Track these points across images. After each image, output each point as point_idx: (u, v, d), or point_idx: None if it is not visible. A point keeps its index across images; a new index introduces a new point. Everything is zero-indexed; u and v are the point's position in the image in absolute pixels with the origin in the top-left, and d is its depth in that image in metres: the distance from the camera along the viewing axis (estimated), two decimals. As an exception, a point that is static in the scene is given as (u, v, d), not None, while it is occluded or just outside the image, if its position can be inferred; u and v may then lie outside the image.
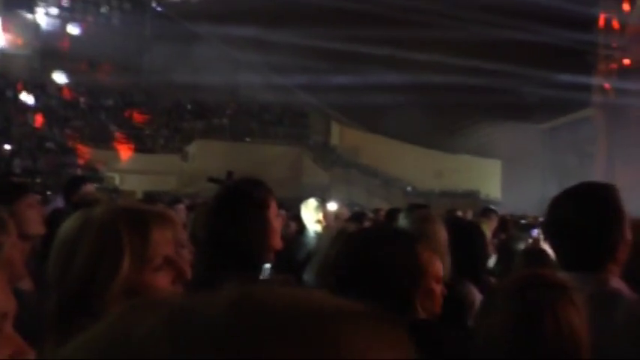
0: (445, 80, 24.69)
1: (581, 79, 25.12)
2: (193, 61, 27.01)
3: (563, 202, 1.82)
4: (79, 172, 20.28)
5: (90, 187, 5.21)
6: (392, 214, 5.97)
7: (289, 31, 24.91)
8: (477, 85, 24.54)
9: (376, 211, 9.32)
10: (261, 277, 2.67)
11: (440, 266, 2.03)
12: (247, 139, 27.96)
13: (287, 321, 0.39)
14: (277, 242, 2.04)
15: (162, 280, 1.23)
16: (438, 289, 1.97)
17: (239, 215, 1.96)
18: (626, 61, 24.17)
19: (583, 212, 1.74)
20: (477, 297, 2.68)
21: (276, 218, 2.05)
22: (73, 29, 29.62)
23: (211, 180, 5.95)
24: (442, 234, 2.78)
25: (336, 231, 3.33)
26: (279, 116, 29.91)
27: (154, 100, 28.91)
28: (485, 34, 24.33)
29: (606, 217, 1.73)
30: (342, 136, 31.11)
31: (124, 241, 1.20)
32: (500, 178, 30.16)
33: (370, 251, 1.68)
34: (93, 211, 1.27)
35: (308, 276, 3.19)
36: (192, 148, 26.43)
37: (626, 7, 22.46)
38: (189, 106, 29.55)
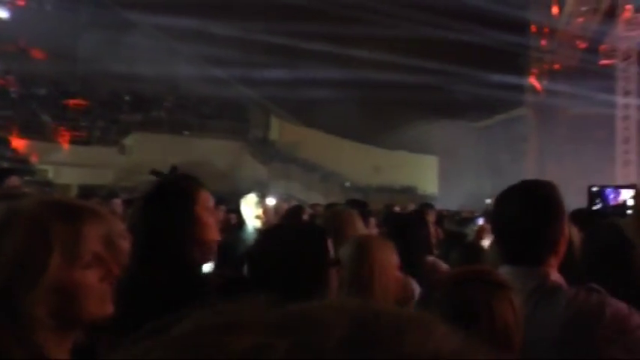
0: (383, 77, 25.00)
1: (514, 79, 25.90)
2: (131, 50, 26.24)
3: (508, 198, 1.86)
4: (6, 164, 19.41)
5: (15, 180, 4.77)
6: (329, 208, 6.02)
7: (230, 24, 24.63)
8: (415, 83, 24.96)
9: (314, 205, 9.34)
10: (204, 273, 2.64)
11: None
12: (186, 133, 27.47)
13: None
14: (210, 236, 1.98)
15: (91, 278, 1.18)
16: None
17: (165, 210, 1.92)
18: (556, 64, 25.06)
19: (526, 208, 1.79)
20: (416, 289, 2.72)
21: (207, 212, 1.99)
22: (1, 12, 28.15)
23: (154, 173, 5.78)
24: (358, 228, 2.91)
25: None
26: (219, 110, 29.53)
27: (90, 90, 27.94)
28: (423, 33, 24.74)
29: (548, 213, 1.80)
30: (281, 130, 31.06)
31: (54, 237, 1.13)
32: (437, 174, 30.86)
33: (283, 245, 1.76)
34: (19, 204, 1.19)
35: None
36: (129, 141, 25.73)
37: (555, 12, 23.31)
38: (126, 98, 28.73)
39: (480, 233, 5.38)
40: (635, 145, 19.79)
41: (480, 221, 6.30)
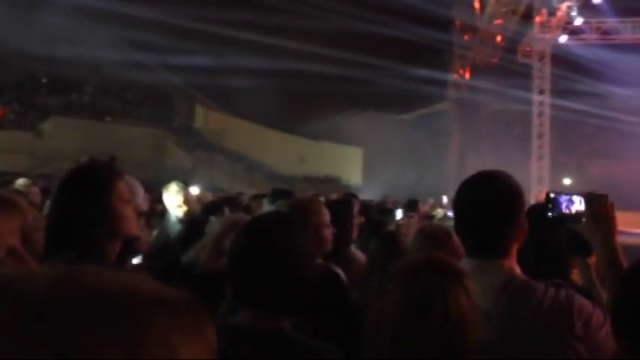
0: (309, 68, 25.02)
1: (438, 74, 26.50)
2: (50, 31, 25.03)
3: (476, 188, 1.82)
4: None
5: None
6: (257, 199, 6.04)
7: (155, 8, 23.96)
8: (341, 75, 25.16)
9: (239, 194, 9.32)
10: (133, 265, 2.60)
11: None
12: (108, 119, 26.51)
13: (99, 305, 0.40)
14: (126, 228, 1.89)
15: None
16: None
17: (78, 200, 1.83)
18: (478, 61, 25.86)
19: (497, 198, 1.77)
20: (341, 274, 2.77)
21: (124, 204, 1.89)
22: None
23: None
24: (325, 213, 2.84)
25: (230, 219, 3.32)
26: (143, 96, 28.66)
27: (4, 71, 26.53)
28: (350, 26, 24.96)
29: (517, 203, 1.79)
30: (206, 119, 30.59)
31: None
32: (361, 165, 31.28)
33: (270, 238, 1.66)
34: None
35: (187, 258, 3.16)
36: (47, 126, 24.57)
37: (477, 11, 24.06)
38: (44, 80, 27.43)
39: (401, 228, 5.53)
40: (549, 140, 20.75)
41: (399, 213, 6.41)
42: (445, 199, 11.65)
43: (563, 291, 1.74)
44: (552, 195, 1.98)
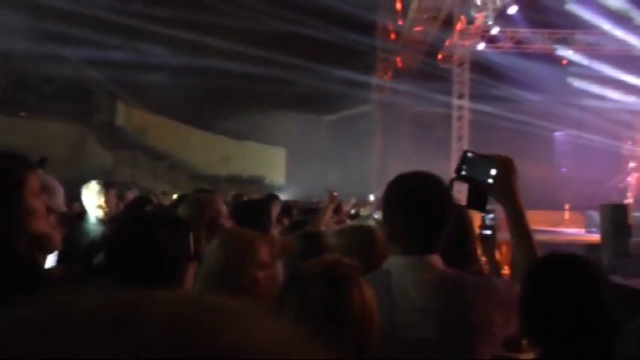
0: (233, 67, 24.82)
1: (362, 77, 26.85)
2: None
3: (413, 187, 1.84)
4: None
5: None
6: (179, 200, 6.00)
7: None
8: (266, 75, 25.10)
9: (164, 194, 9.21)
10: (46, 267, 2.52)
11: (265, 252, 2.06)
12: (23, 114, 25.33)
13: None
14: (37, 226, 1.78)
15: None
16: (262, 274, 1.98)
17: None
18: (400, 65, 26.40)
19: (436, 198, 1.81)
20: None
21: (35, 198, 1.78)
22: None
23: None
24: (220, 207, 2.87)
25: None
26: (61, 91, 27.53)
27: None
28: (275, 26, 24.91)
29: (447, 204, 1.83)
30: (128, 116, 29.75)
31: None
32: (285, 165, 31.31)
33: (146, 234, 1.66)
34: None
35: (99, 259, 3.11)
36: (-46, 120, 23.31)
37: (400, 17, 24.61)
38: (-49, 72, 25.93)
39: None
40: (467, 143, 21.47)
41: None
42: (372, 198, 11.71)
43: (485, 278, 1.87)
44: (470, 155, 2.04)
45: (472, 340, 1.72)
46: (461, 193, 2.13)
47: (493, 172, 1.97)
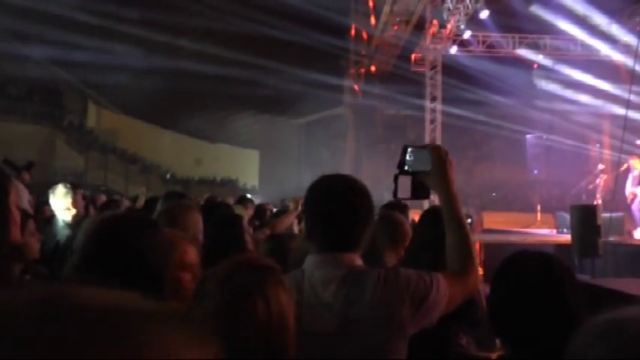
0: (205, 69, 24.69)
1: (334, 80, 26.94)
2: None
3: (326, 192, 1.90)
4: None
5: None
6: (151, 203, 5.92)
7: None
8: (239, 78, 25.01)
9: (136, 198, 9.10)
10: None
11: (190, 253, 2.05)
12: (-11, 115, 24.85)
13: (94, 321, 0.39)
14: (16, 236, 1.76)
15: None
16: (186, 276, 1.96)
17: None
18: (372, 68, 26.52)
19: (354, 197, 1.87)
20: None
21: (16, 209, 1.75)
22: None
23: (6, 163, 5.18)
24: (196, 221, 2.83)
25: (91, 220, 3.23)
26: (30, 92, 27.03)
27: None
28: (248, 28, 24.85)
29: (368, 204, 1.91)
30: (99, 118, 29.37)
31: None
32: (258, 167, 31.23)
33: (118, 238, 1.62)
34: None
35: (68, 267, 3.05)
36: None
37: (372, 20, 24.72)
38: None
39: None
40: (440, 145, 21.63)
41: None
42: None
43: (392, 271, 1.87)
44: (409, 149, 2.12)
45: (375, 331, 1.75)
46: (405, 186, 2.19)
47: (430, 161, 2.06)
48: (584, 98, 19.87)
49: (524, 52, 20.07)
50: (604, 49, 19.19)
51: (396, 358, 1.79)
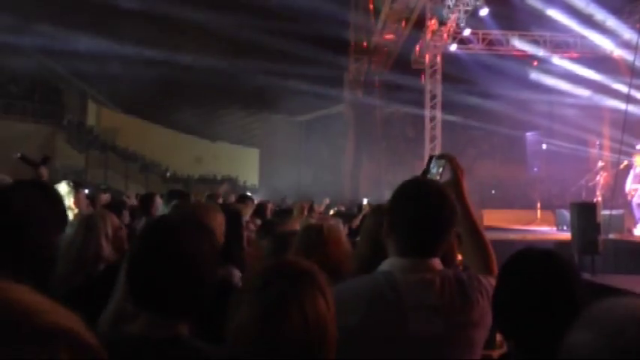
0: (208, 69, 24.64)
1: (335, 78, 26.84)
2: None
3: (421, 194, 1.93)
4: None
5: None
6: (147, 199, 5.94)
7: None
8: (240, 77, 24.97)
9: (137, 196, 9.12)
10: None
11: None
12: (-10, 114, 24.82)
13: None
14: None
15: None
16: None
17: None
18: (372, 66, 26.44)
19: (442, 204, 1.90)
20: (237, 275, 2.80)
21: None
22: None
23: (22, 159, 5.19)
24: (221, 222, 2.85)
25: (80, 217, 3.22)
26: (30, 91, 27.00)
27: None
28: (248, 28, 24.77)
29: (454, 212, 1.93)
30: (99, 116, 29.36)
31: None
32: (258, 166, 31.21)
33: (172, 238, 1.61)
34: None
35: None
36: None
37: (372, 18, 24.70)
38: None
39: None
40: (440, 144, 21.61)
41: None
42: (365, 202, 11.61)
43: (472, 274, 1.97)
44: (434, 158, 2.22)
45: (474, 334, 1.85)
46: None
47: (440, 170, 2.18)
48: (584, 93, 19.85)
49: (523, 48, 20.03)
50: (604, 44, 19.16)
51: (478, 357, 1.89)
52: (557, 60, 19.99)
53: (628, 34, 17.85)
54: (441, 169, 2.17)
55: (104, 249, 2.81)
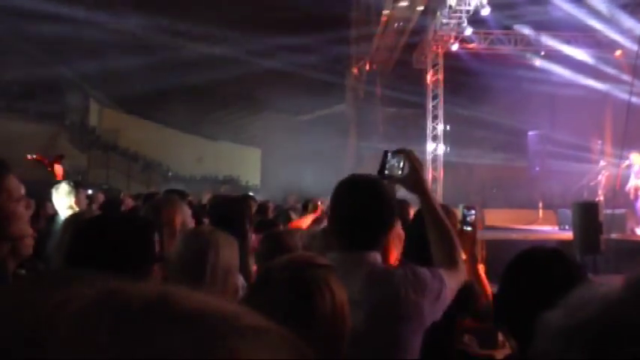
0: (208, 68, 24.61)
1: (336, 78, 26.89)
2: None
3: (350, 192, 2.00)
4: None
5: None
6: (149, 199, 5.94)
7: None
8: (240, 76, 24.94)
9: (138, 196, 9.12)
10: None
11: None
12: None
13: (196, 329, 0.39)
14: (17, 230, 1.75)
15: None
16: None
17: None
18: (374, 65, 26.42)
19: (373, 199, 1.96)
20: (240, 280, 2.79)
21: (13, 202, 1.74)
22: None
23: (37, 159, 5.25)
24: (179, 218, 2.86)
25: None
26: (31, 90, 26.94)
27: None
28: (249, 28, 24.74)
29: (390, 205, 1.99)
30: (101, 116, 29.37)
31: None
32: (260, 165, 31.18)
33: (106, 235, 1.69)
34: None
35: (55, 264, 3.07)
36: None
37: (374, 17, 24.67)
38: None
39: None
40: (441, 143, 21.59)
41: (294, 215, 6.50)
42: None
43: (410, 269, 1.94)
44: (389, 154, 2.19)
45: (399, 328, 1.83)
46: None
47: (405, 166, 2.16)
48: (586, 93, 19.77)
49: (526, 48, 19.99)
50: (607, 42, 19.04)
51: (414, 354, 1.87)
52: (560, 59, 19.90)
53: (630, 32, 17.73)
54: (401, 164, 2.16)
55: None
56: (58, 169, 4.69)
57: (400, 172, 2.15)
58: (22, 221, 1.78)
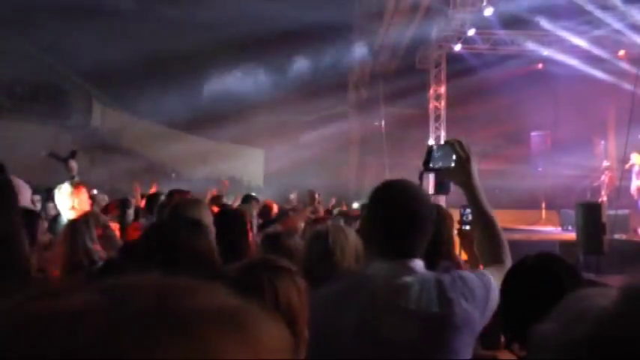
0: (208, 67, 24.61)
1: (338, 78, 26.84)
2: None
3: (394, 197, 1.92)
4: None
5: None
6: (152, 199, 5.96)
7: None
8: (240, 75, 24.93)
9: (142, 196, 9.12)
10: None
11: None
12: (-5, 116, 24.87)
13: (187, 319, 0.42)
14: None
15: None
16: None
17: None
18: (376, 66, 26.43)
19: (420, 207, 1.90)
20: None
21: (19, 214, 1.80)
22: None
23: (52, 155, 5.29)
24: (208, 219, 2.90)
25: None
26: (34, 91, 27.01)
27: None
28: (249, 27, 24.76)
29: (432, 212, 1.94)
30: (104, 117, 29.40)
31: None
32: (263, 166, 31.19)
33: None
34: None
35: None
36: None
37: (376, 18, 24.68)
38: None
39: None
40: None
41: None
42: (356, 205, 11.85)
43: (458, 274, 1.90)
44: (434, 147, 2.20)
45: (453, 340, 1.77)
46: (429, 182, 2.26)
47: (453, 157, 2.10)
48: (588, 92, 19.74)
49: (529, 48, 19.94)
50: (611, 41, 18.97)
51: None
52: (564, 58, 19.84)
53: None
54: (449, 155, 2.12)
55: (91, 250, 2.88)
56: (73, 165, 4.76)
57: (447, 165, 2.12)
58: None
